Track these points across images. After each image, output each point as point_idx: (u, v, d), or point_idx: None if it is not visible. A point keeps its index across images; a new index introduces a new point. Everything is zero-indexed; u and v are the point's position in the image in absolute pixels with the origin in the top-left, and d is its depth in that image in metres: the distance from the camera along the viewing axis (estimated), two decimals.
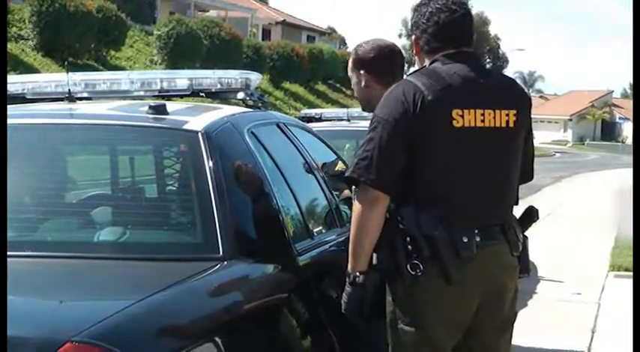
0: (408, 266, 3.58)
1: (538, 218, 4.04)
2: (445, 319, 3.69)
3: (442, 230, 3.58)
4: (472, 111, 3.65)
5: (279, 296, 3.76)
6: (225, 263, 3.50)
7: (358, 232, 3.66)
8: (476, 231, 3.65)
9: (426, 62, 3.85)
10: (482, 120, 3.67)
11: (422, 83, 3.64)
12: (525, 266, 3.94)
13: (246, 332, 3.35)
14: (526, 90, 4.04)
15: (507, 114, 3.73)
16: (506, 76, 4.13)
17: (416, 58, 3.97)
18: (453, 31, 3.81)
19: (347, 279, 3.74)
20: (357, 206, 3.66)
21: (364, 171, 3.62)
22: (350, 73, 4.50)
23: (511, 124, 3.75)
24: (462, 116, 3.63)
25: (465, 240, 3.61)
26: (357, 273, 3.70)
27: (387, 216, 3.66)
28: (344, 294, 3.77)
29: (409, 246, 3.59)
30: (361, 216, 3.64)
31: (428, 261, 3.58)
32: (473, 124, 3.65)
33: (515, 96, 3.87)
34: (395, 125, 3.60)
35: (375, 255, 3.69)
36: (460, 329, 3.75)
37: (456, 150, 3.65)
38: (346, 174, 3.71)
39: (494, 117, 3.70)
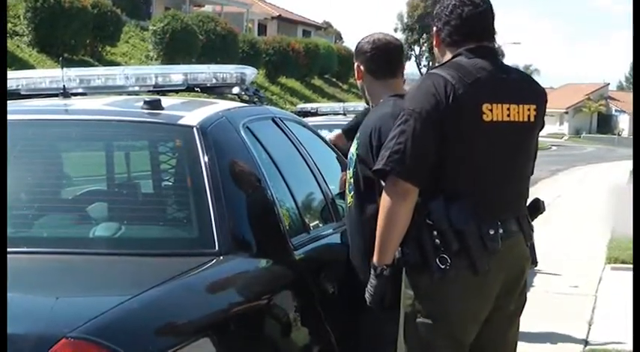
0: (437, 260, 3.60)
1: (544, 209, 4.08)
2: (470, 311, 3.73)
3: (472, 224, 3.61)
4: (499, 105, 3.69)
5: (276, 291, 3.76)
6: (221, 258, 3.50)
7: (387, 225, 3.66)
8: (498, 223, 3.68)
9: (447, 55, 3.86)
10: (508, 115, 3.72)
11: (451, 76, 3.66)
12: (533, 257, 3.99)
13: (243, 327, 3.35)
14: (542, 87, 4.08)
15: (529, 109, 3.79)
16: (523, 72, 4.18)
17: (435, 50, 3.98)
18: (475, 26, 3.83)
19: (372, 272, 3.76)
20: (386, 199, 3.66)
21: (397, 163, 3.62)
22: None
23: (532, 119, 3.80)
24: (491, 110, 3.67)
25: (492, 232, 3.65)
26: (384, 266, 3.71)
27: None
28: (369, 286, 3.79)
29: (437, 240, 3.60)
30: (391, 209, 3.64)
31: (455, 255, 3.60)
32: (500, 119, 3.69)
33: (535, 92, 3.92)
34: (427, 117, 3.61)
35: (399, 249, 3.70)
36: (481, 320, 3.78)
37: (484, 143, 3.69)
38: (377, 167, 3.69)
39: (518, 112, 3.75)
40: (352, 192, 4.32)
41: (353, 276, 4.29)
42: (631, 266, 10.87)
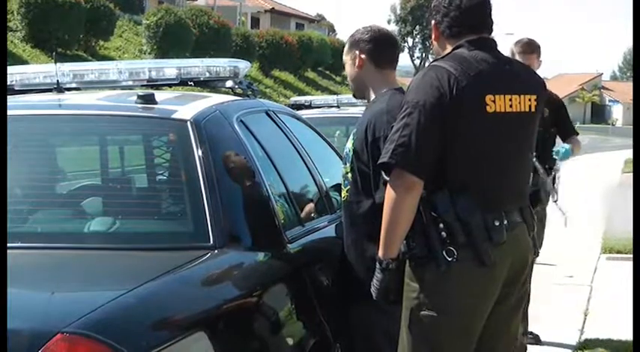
0: (444, 252, 3.61)
1: (546, 200, 4.11)
2: (477, 303, 3.74)
3: (477, 215, 3.62)
4: (502, 96, 3.71)
5: (271, 284, 3.76)
6: (216, 251, 3.50)
7: (392, 218, 3.64)
8: (503, 214, 3.70)
9: (447, 48, 3.86)
10: (511, 106, 3.73)
11: (454, 68, 3.67)
12: (535, 248, 4.02)
13: (238, 320, 3.35)
14: (541, 77, 4.11)
15: (530, 100, 3.81)
16: (522, 63, 4.20)
17: (435, 43, 3.98)
18: (474, 16, 3.84)
19: (378, 266, 3.75)
20: (391, 192, 3.64)
21: (401, 156, 3.60)
22: (345, 57, 4.52)
23: (533, 109, 3.82)
24: (494, 101, 3.68)
25: (497, 224, 3.67)
26: (390, 260, 3.72)
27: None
28: (374, 280, 3.79)
29: (443, 233, 3.61)
30: (396, 202, 3.62)
31: (461, 247, 3.61)
32: (503, 110, 3.71)
33: (535, 83, 3.95)
34: (431, 110, 3.61)
35: (404, 243, 3.70)
36: (487, 312, 3.79)
37: (488, 134, 3.70)
38: (382, 160, 3.67)
39: (520, 103, 3.77)
40: (348, 187, 4.33)
41: (348, 269, 4.30)
42: (626, 256, 10.90)
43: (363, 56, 4.42)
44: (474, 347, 3.81)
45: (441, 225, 3.61)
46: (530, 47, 6.61)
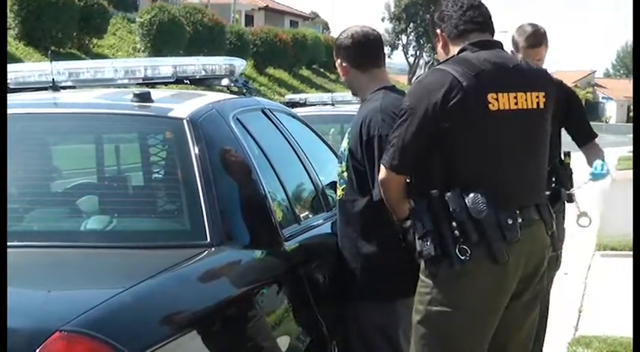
0: (457, 250, 3.64)
1: (565, 198, 4.13)
2: (490, 300, 3.76)
3: (490, 213, 3.65)
4: (505, 94, 3.75)
5: (268, 282, 3.77)
6: (213, 249, 3.51)
7: (388, 202, 3.96)
8: (517, 212, 3.73)
9: (453, 52, 3.91)
10: (516, 103, 3.77)
11: (455, 71, 3.72)
12: (554, 245, 4.05)
13: (235, 318, 3.36)
14: (550, 75, 4.13)
15: (537, 96, 3.85)
16: (530, 62, 4.21)
17: (440, 52, 4.02)
18: (476, 13, 3.92)
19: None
20: (379, 184, 3.92)
21: (390, 157, 3.79)
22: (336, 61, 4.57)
23: (541, 105, 3.86)
24: (497, 99, 3.73)
25: (510, 222, 3.69)
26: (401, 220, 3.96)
27: (427, 202, 3.72)
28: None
29: (456, 232, 3.65)
30: (384, 193, 3.93)
31: (475, 245, 3.65)
32: (507, 107, 3.75)
33: (543, 80, 3.98)
34: (423, 115, 3.70)
35: (419, 242, 3.74)
36: (501, 310, 3.81)
37: (494, 132, 3.75)
38: (381, 161, 3.88)
39: (526, 100, 3.81)
40: (343, 186, 4.34)
41: (343, 266, 4.31)
42: (620, 253, 10.93)
43: (344, 64, 4.47)
44: (487, 345, 3.82)
45: (454, 224, 3.65)
46: (537, 38, 5.66)
